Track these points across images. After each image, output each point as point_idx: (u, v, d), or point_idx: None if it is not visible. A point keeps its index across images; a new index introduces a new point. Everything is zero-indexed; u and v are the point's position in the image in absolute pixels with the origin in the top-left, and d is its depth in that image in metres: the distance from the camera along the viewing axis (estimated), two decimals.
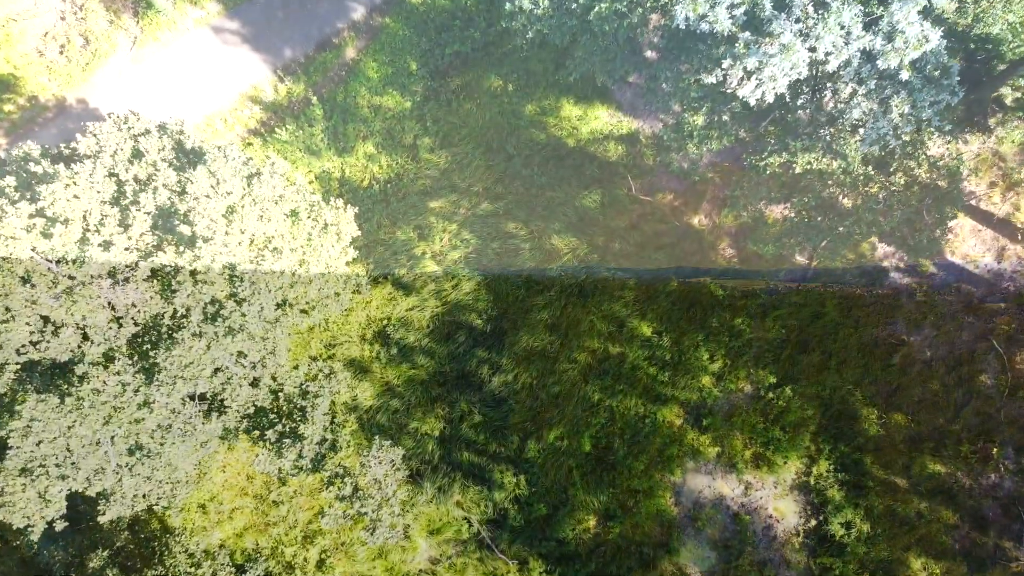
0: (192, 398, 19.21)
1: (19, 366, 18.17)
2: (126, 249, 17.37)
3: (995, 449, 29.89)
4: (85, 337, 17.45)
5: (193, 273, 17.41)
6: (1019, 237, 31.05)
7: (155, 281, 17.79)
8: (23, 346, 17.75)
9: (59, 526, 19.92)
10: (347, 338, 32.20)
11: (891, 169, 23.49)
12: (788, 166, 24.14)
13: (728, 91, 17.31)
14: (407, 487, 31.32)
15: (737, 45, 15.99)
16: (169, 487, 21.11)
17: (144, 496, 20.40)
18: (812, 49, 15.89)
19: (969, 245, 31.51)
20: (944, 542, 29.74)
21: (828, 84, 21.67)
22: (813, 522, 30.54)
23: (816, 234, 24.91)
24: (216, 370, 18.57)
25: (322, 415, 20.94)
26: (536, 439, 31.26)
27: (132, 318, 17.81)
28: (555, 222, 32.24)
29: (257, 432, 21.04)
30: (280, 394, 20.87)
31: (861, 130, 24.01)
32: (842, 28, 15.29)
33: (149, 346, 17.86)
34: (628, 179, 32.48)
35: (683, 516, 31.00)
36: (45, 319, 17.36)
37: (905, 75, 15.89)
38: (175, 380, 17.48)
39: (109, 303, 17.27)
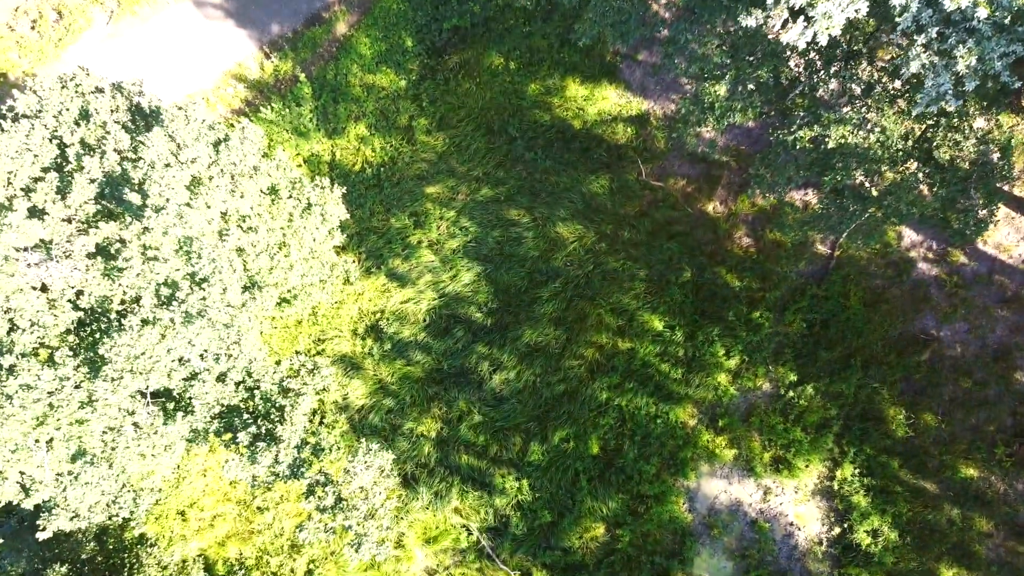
0: (148, 395, 16.38)
1: None
2: (64, 220, 14.60)
3: None
4: (14, 325, 14.65)
5: (143, 249, 14.60)
6: None
7: (99, 258, 14.98)
8: None
9: None
10: (337, 332, 29.41)
11: (934, 144, 20.74)
12: (819, 141, 21.40)
13: (769, 38, 14.66)
14: (401, 492, 28.56)
15: None
16: (130, 496, 18.30)
17: (98, 506, 17.54)
18: None
19: (1003, 234, 28.78)
20: (978, 551, 27.08)
21: (871, 43, 18.95)
22: (837, 530, 27.89)
23: (848, 216, 22.14)
24: (179, 361, 15.74)
25: (303, 415, 18.14)
26: (540, 441, 28.53)
27: (70, 301, 15.00)
28: (560, 209, 29.50)
29: (230, 434, 18.23)
30: (256, 391, 18.08)
31: (901, 101, 21.31)
32: None
33: (99, 334, 15.05)
34: (638, 163, 29.74)
35: (697, 523, 28.32)
36: None
37: (983, 13, 13.17)
38: (123, 374, 14.65)
39: (42, 283, 14.50)
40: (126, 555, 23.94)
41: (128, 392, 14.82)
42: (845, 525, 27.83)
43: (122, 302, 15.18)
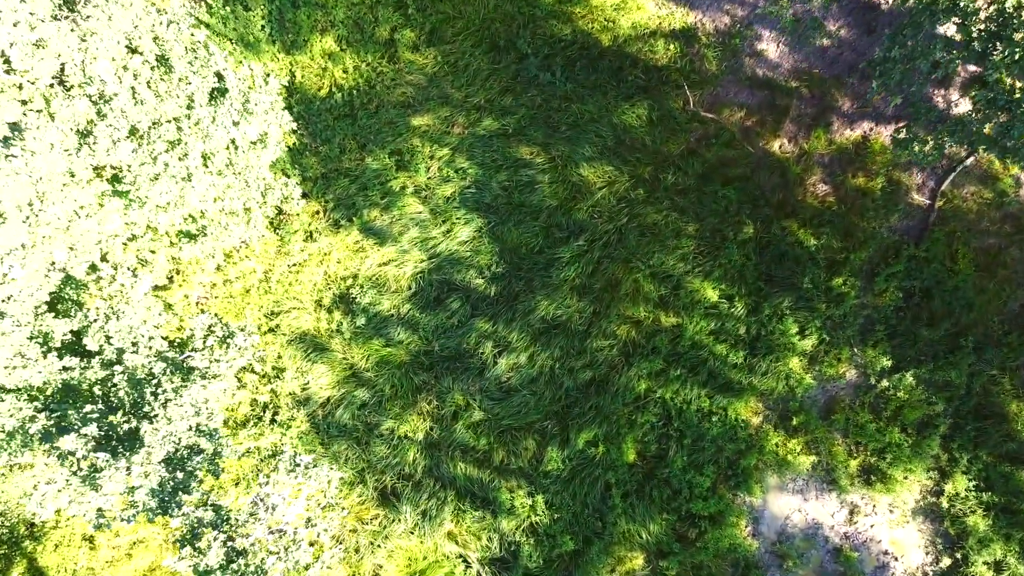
0: None
1: None
2: None
3: None
4: None
5: None
6: None
7: None
8: None
9: None
10: (296, 304, 21.44)
11: None
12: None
13: None
14: (378, 512, 20.63)
15: None
16: None
17: None
18: None
19: None
20: None
21: None
22: (947, 560, 20.29)
23: (1019, 117, 14.34)
24: None
25: (193, 406, 10.37)
26: (559, 445, 20.70)
27: None
28: (585, 145, 21.64)
29: (62, 440, 10.43)
30: (117, 368, 10.31)
31: None
32: None
33: None
34: (684, 89, 21.91)
35: (765, 552, 20.59)
36: None
37: None
38: None
39: None
40: None
41: None
42: (958, 555, 20.31)
43: None
